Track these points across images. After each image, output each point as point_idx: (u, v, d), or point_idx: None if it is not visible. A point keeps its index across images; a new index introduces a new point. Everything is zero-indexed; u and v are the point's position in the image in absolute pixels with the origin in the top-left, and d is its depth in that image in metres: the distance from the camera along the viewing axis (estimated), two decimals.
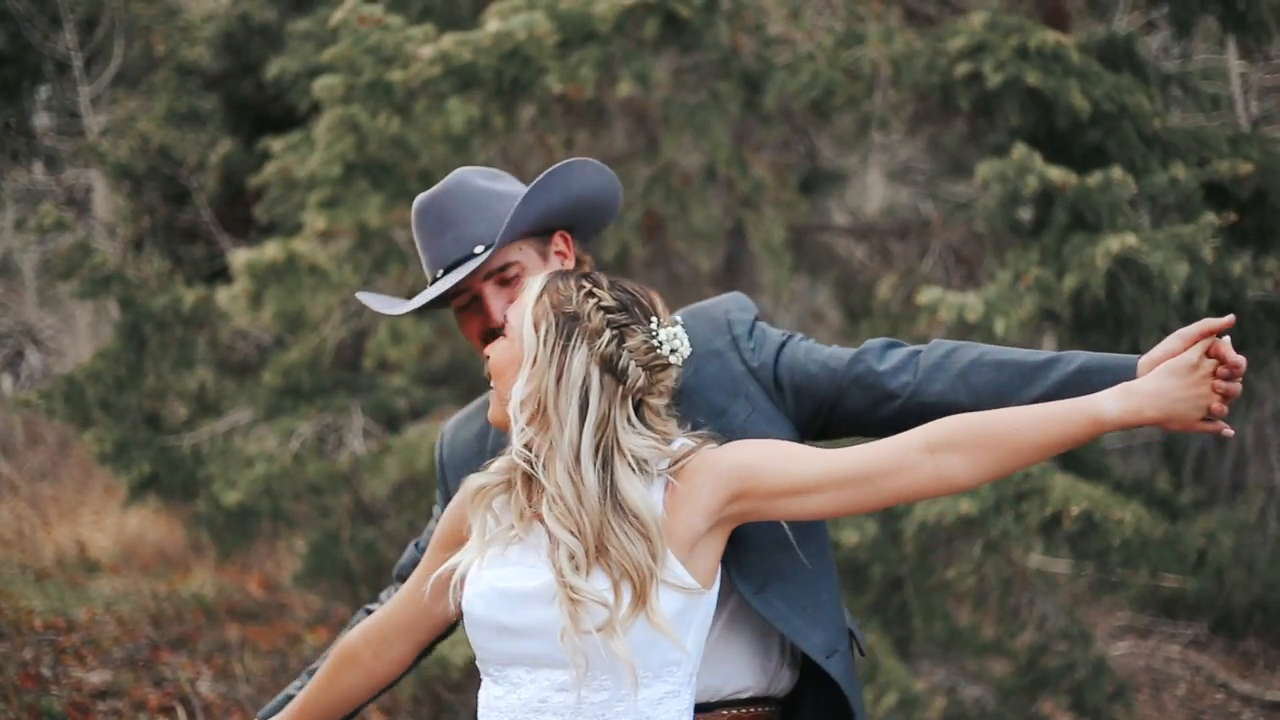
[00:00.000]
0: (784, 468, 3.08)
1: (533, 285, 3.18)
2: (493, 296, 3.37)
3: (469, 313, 3.43)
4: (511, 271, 3.36)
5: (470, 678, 8.20)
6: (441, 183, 3.42)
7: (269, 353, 9.87)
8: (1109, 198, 7.06)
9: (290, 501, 9.00)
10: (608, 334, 3.07)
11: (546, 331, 3.07)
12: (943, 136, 9.01)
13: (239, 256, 8.48)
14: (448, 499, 3.61)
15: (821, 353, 3.33)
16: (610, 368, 3.06)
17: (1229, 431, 3.06)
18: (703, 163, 8.00)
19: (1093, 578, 8.65)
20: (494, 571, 3.10)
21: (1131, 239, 6.70)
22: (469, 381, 9.63)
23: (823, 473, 3.06)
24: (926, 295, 6.96)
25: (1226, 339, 2.97)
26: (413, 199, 8.11)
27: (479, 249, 3.33)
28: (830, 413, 3.32)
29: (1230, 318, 2.97)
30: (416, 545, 3.75)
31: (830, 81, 7.63)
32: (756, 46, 7.95)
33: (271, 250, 8.28)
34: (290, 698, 3.59)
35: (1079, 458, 8.77)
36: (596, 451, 3.03)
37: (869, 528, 7.31)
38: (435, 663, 7.98)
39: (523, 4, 7.60)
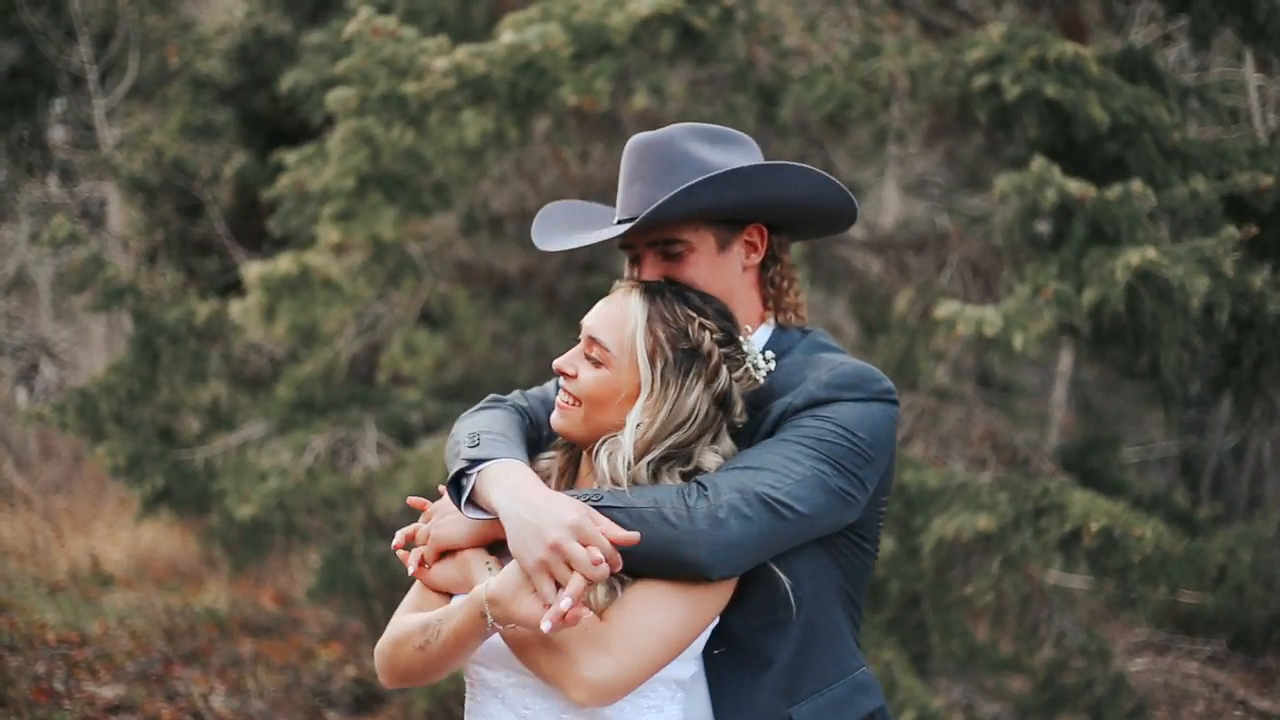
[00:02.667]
0: None
1: (632, 307, 3.18)
2: (650, 264, 3.35)
3: (631, 263, 3.41)
4: (677, 249, 3.31)
5: None
6: (661, 131, 3.35)
7: (282, 366, 9.85)
8: (1128, 211, 7.00)
9: (303, 516, 8.97)
10: (724, 371, 3.17)
11: (664, 368, 3.13)
12: (960, 149, 8.95)
13: (252, 269, 8.46)
14: None
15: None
16: (722, 402, 3.17)
17: None
18: None
19: (1110, 594, 8.57)
20: None
21: (1152, 252, 6.64)
22: (482, 395, 9.57)
23: None
24: (944, 309, 6.90)
25: None
26: (427, 212, 8.14)
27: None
28: None
29: None
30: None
31: (847, 94, 7.57)
32: (772, 59, 7.91)
33: (285, 263, 8.26)
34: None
35: (1098, 474, 8.71)
36: (665, 460, 3.14)
37: (886, 544, 7.26)
38: (451, 678, 7.93)
39: (537, 16, 7.57)
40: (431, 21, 9.62)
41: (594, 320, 3.23)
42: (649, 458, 3.11)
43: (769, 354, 3.33)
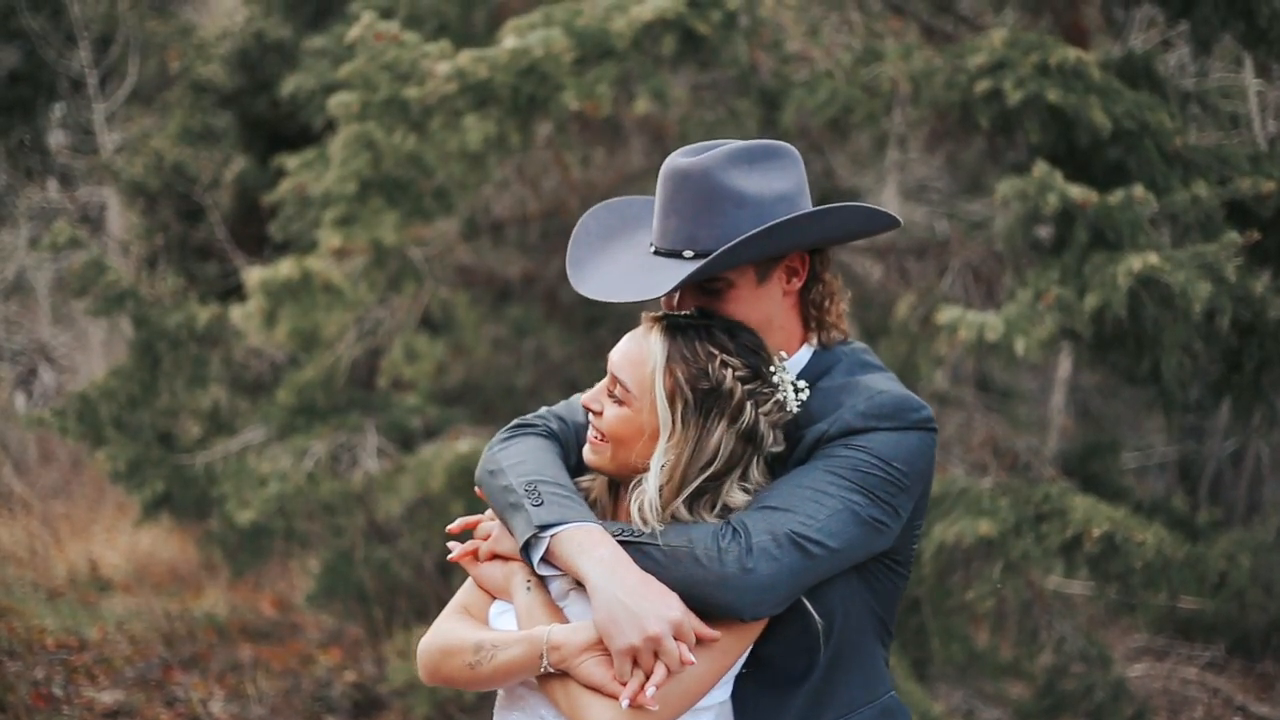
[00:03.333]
0: None
1: (652, 346, 3.16)
2: (686, 297, 3.31)
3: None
4: (716, 285, 3.27)
5: (483, 699, 8.14)
6: (700, 156, 3.22)
7: (283, 371, 9.85)
8: (1130, 216, 6.99)
9: (303, 521, 8.96)
10: (748, 408, 3.14)
11: (684, 410, 3.12)
12: (961, 154, 8.94)
13: (253, 274, 8.45)
14: None
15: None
16: (749, 437, 3.15)
17: None
18: None
19: (1109, 599, 8.57)
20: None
21: (1154, 258, 6.63)
22: (483, 400, 9.59)
23: None
24: (946, 314, 6.90)
25: None
26: (428, 217, 8.14)
27: (688, 253, 3.22)
28: None
29: None
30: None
31: (849, 99, 7.57)
32: (774, 64, 7.90)
33: (286, 268, 8.25)
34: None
35: (1098, 479, 8.70)
36: (695, 498, 3.17)
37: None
38: None
39: (540, 20, 7.56)
40: (433, 26, 9.61)
41: (617, 357, 3.22)
42: (679, 499, 3.15)
43: (802, 383, 3.29)
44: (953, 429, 8.36)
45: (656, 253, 3.29)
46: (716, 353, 3.14)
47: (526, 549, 3.17)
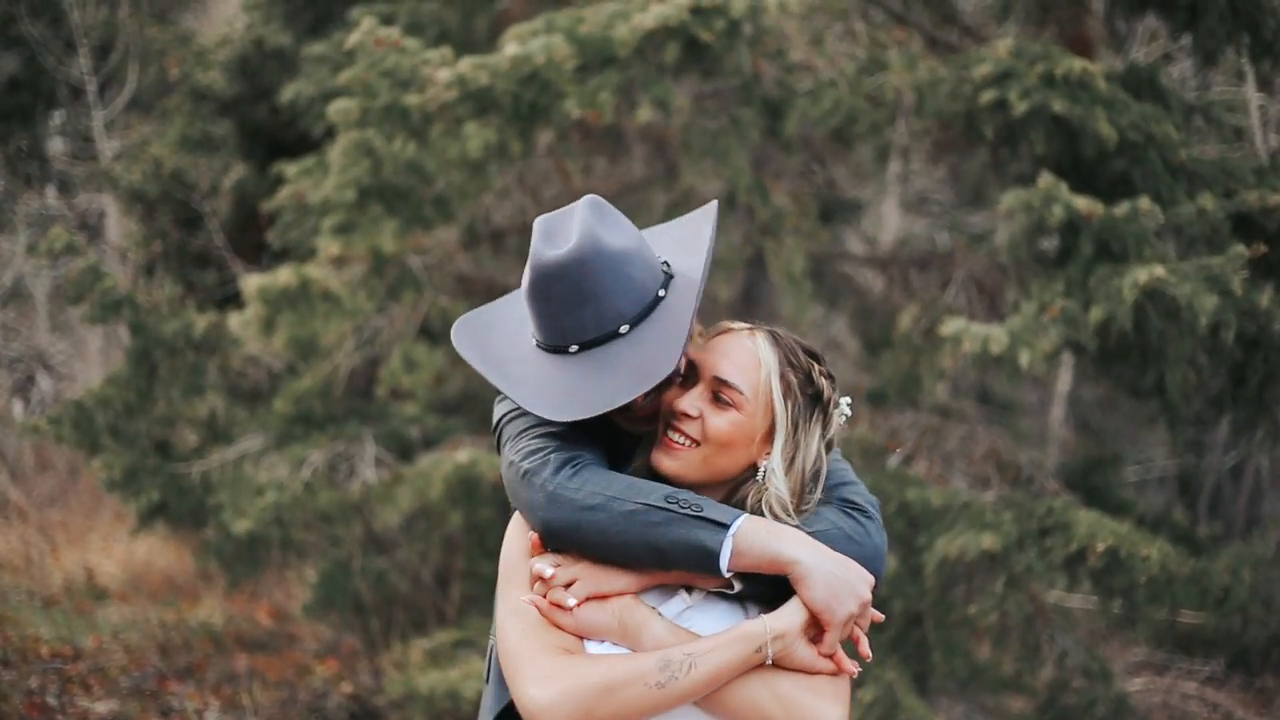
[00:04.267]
0: None
1: (761, 352, 3.23)
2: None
3: None
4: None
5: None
6: (576, 246, 3.18)
7: (280, 379, 9.80)
8: (1136, 228, 6.96)
9: (301, 531, 8.91)
10: (835, 416, 3.28)
11: (795, 410, 3.22)
12: (964, 166, 8.91)
13: (251, 281, 8.40)
14: None
15: None
16: (830, 445, 3.31)
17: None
18: (723, 190, 7.91)
19: (1109, 613, 8.53)
20: None
21: (1160, 270, 6.60)
22: (482, 410, 9.54)
23: None
24: (950, 326, 6.86)
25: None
26: (428, 225, 8.09)
27: (624, 328, 3.19)
28: None
29: None
30: None
31: (853, 109, 7.53)
32: (778, 73, 7.86)
33: (285, 276, 8.20)
34: None
35: (1100, 493, 8.65)
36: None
37: (890, 563, 7.20)
38: (446, 695, 7.87)
39: (542, 28, 7.52)
40: (433, 34, 9.56)
41: (723, 363, 3.22)
42: (808, 499, 3.26)
43: (848, 399, 3.38)
44: (955, 442, 8.32)
45: (584, 346, 3.23)
46: (815, 361, 3.28)
47: (712, 555, 3.09)
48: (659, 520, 3.09)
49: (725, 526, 3.06)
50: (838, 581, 3.07)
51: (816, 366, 3.27)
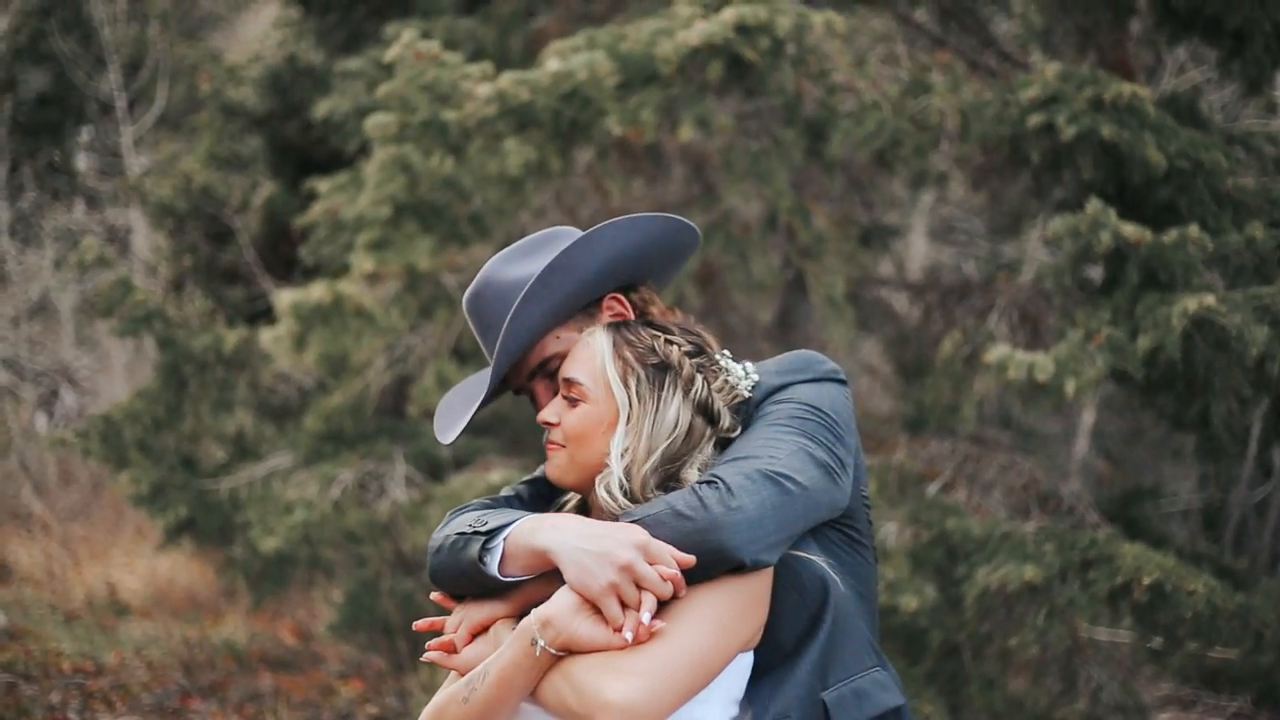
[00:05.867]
0: None
1: (596, 341, 3.26)
2: (543, 392, 3.41)
3: (534, 401, 3.47)
4: (554, 364, 3.38)
5: None
6: (477, 277, 3.43)
7: (310, 397, 9.75)
8: (1183, 256, 6.85)
9: (328, 550, 8.85)
10: (699, 380, 3.22)
11: (638, 386, 3.21)
12: (1005, 191, 8.82)
13: (284, 297, 8.34)
14: None
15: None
16: (704, 412, 3.22)
17: None
18: (763, 211, 7.83)
19: (1137, 646, 8.43)
20: None
21: (1210, 299, 6.48)
22: (513, 431, 9.47)
23: None
24: (995, 354, 6.76)
25: None
26: (464, 242, 8.02)
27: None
28: None
29: None
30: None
31: (897, 131, 7.44)
32: (821, 94, 7.78)
33: (318, 291, 8.14)
34: None
35: (1138, 525, 8.53)
36: (659, 475, 3.20)
37: (928, 592, 7.10)
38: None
39: (583, 44, 7.44)
40: (469, 51, 9.51)
41: (567, 363, 3.30)
42: (643, 471, 3.18)
43: (750, 365, 3.39)
44: (994, 471, 8.22)
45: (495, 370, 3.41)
46: (659, 333, 3.27)
47: (483, 562, 3.17)
48: (461, 545, 3.23)
49: (492, 535, 3.16)
50: (584, 554, 3.02)
51: (662, 337, 3.25)
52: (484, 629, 3.23)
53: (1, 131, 16.39)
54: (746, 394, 3.32)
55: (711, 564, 3.04)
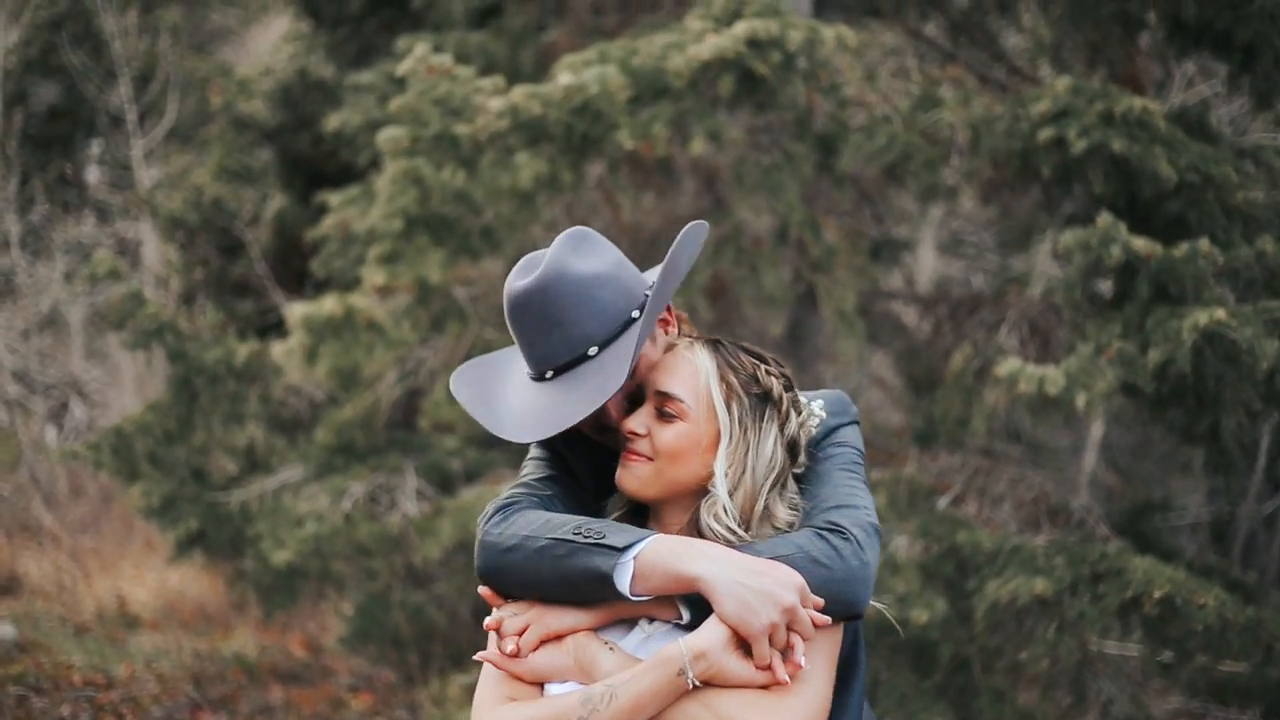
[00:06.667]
0: None
1: (698, 360, 3.24)
2: (614, 401, 3.34)
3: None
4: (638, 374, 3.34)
5: None
6: (540, 274, 3.28)
7: (321, 410, 9.76)
8: (1193, 270, 6.87)
9: (339, 563, 8.85)
10: (793, 415, 3.26)
11: (741, 412, 3.20)
12: (1015, 205, 8.84)
13: (296, 310, 8.37)
14: None
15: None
16: (791, 447, 3.26)
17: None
18: (774, 225, 7.85)
19: (1147, 659, 8.43)
20: None
21: (1221, 313, 6.50)
22: (523, 445, 9.46)
23: None
24: (1006, 367, 6.77)
25: None
26: (475, 256, 8.04)
27: (592, 350, 3.25)
28: None
29: None
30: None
31: (908, 145, 7.46)
32: (831, 108, 7.80)
33: (329, 305, 8.16)
34: None
35: (1147, 538, 8.53)
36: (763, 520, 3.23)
37: (939, 605, 7.10)
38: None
39: (595, 58, 7.47)
40: (480, 65, 9.53)
41: (663, 376, 3.26)
42: (744, 501, 3.20)
43: (819, 403, 3.41)
44: (1004, 484, 8.22)
45: (558, 371, 3.31)
46: (759, 361, 3.27)
47: (609, 581, 3.10)
48: (564, 553, 3.13)
49: (623, 550, 3.08)
50: (749, 592, 3.00)
51: (762, 366, 3.25)
52: (556, 637, 3.17)
53: (12, 144, 16.39)
54: (815, 429, 3.35)
55: (835, 611, 3.09)
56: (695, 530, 3.23)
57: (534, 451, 3.58)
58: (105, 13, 15.86)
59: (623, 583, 3.09)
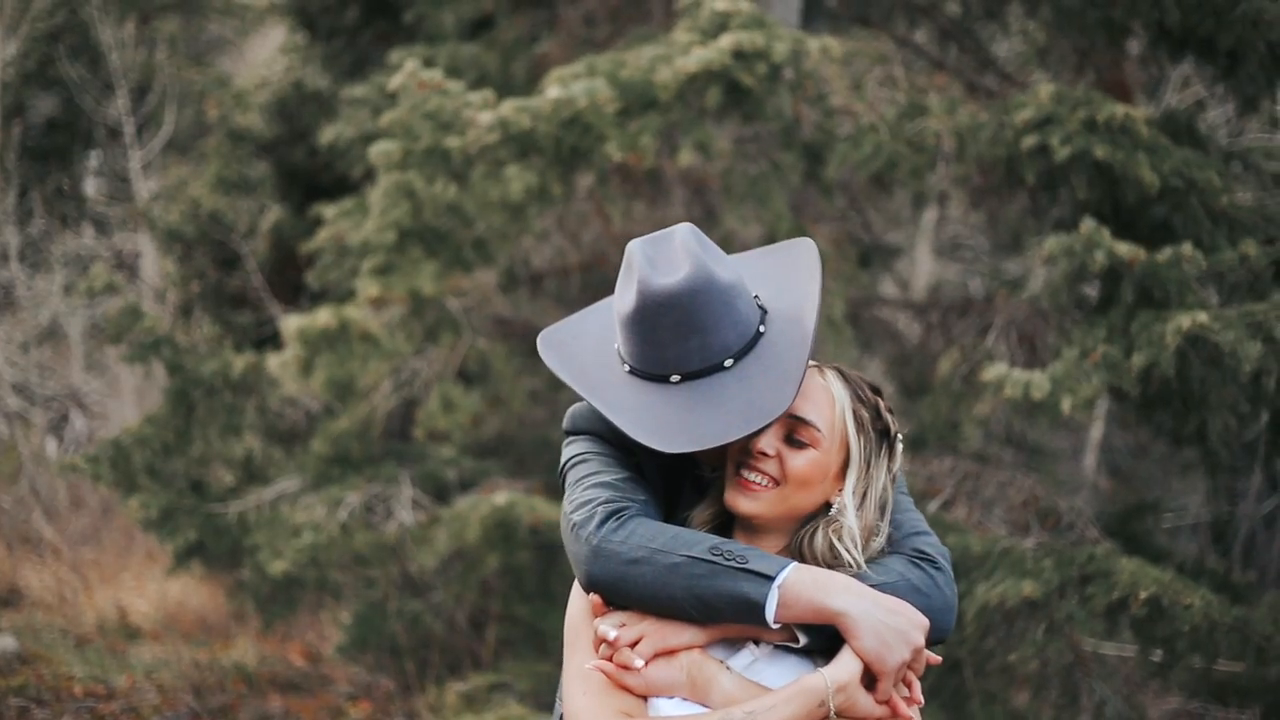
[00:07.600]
0: None
1: (834, 389, 3.24)
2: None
3: None
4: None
5: None
6: (689, 277, 3.13)
7: (317, 421, 9.81)
8: (1177, 274, 6.93)
9: (336, 572, 8.90)
10: (899, 452, 3.32)
11: (866, 445, 3.25)
12: (1002, 211, 8.90)
13: (291, 322, 8.42)
14: None
15: None
16: (894, 481, 3.32)
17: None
18: (762, 233, 7.91)
19: (1143, 661, 8.47)
20: None
21: (1203, 316, 6.56)
22: (519, 453, 9.53)
23: None
24: (992, 372, 6.83)
25: None
26: (467, 267, 8.10)
27: (728, 361, 3.18)
28: None
29: None
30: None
31: (894, 153, 7.52)
32: (818, 117, 7.87)
33: (324, 317, 8.22)
34: None
35: (1139, 540, 8.58)
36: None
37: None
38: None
39: (583, 71, 7.53)
40: (472, 77, 9.59)
41: (802, 402, 3.20)
42: (864, 532, 3.26)
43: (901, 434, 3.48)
44: (993, 488, 8.27)
45: (686, 376, 3.22)
46: (879, 398, 3.30)
47: (759, 609, 3.07)
48: (703, 573, 3.06)
49: (770, 578, 3.04)
50: (887, 630, 3.02)
51: (881, 402, 3.28)
52: (670, 652, 3.12)
53: (10, 157, 16.43)
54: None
55: (930, 639, 3.14)
56: (797, 553, 3.23)
57: (590, 445, 3.40)
58: (103, 24, 15.89)
59: (770, 610, 3.05)
